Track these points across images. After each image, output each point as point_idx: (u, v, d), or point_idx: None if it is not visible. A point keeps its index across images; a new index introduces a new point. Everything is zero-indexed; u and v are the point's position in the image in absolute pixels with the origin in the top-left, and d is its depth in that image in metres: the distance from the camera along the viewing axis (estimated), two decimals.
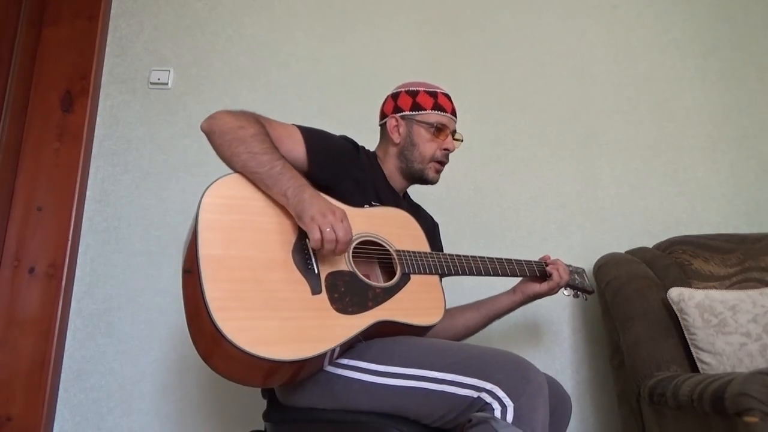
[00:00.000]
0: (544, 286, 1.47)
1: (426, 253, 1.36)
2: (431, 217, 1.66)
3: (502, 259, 1.47)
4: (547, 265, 1.52)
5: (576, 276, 1.59)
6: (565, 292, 1.56)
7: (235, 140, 1.24)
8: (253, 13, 2.34)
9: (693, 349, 1.60)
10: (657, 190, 2.15)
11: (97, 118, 2.23)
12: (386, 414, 1.17)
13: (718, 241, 1.86)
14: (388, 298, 1.24)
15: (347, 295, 1.20)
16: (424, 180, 1.51)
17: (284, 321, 1.11)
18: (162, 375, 1.98)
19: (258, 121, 1.30)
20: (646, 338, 1.65)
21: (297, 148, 1.33)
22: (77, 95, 2.20)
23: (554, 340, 2.02)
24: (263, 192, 1.23)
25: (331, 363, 1.21)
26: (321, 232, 1.15)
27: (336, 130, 1.47)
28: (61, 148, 2.15)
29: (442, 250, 1.62)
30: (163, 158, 2.18)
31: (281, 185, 1.20)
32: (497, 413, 1.04)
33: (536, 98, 2.24)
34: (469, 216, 2.12)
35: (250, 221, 1.20)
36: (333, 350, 1.15)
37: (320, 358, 1.13)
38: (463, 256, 1.42)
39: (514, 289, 1.52)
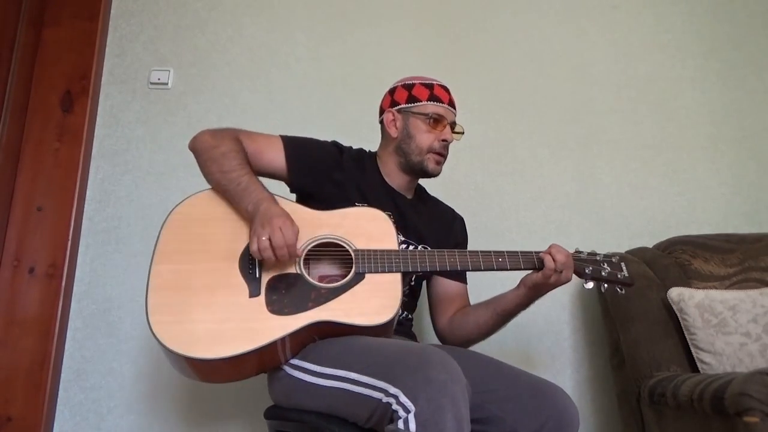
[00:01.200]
0: (538, 275, 1.33)
1: (386, 251, 1.31)
2: (452, 211, 1.63)
3: (489, 251, 1.36)
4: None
5: (605, 266, 1.40)
6: (588, 285, 1.38)
7: (209, 160, 1.32)
8: (253, 13, 2.34)
9: (693, 349, 1.60)
10: (657, 190, 2.15)
11: (97, 118, 2.23)
12: (327, 414, 1.19)
13: (718, 241, 1.86)
14: (333, 299, 1.25)
15: (286, 297, 1.23)
16: (424, 172, 1.49)
17: (212, 323, 1.20)
18: (162, 375, 1.98)
19: (234, 138, 1.35)
20: (646, 338, 1.65)
21: (277, 158, 1.38)
22: (77, 95, 2.19)
23: (554, 340, 2.02)
24: (222, 207, 1.31)
25: (286, 362, 1.26)
26: (258, 241, 1.20)
27: (336, 130, 1.48)
28: (61, 148, 2.15)
29: (465, 246, 1.60)
30: (163, 158, 2.18)
31: (245, 201, 1.27)
32: (401, 423, 0.99)
33: (536, 98, 2.24)
34: (469, 216, 2.10)
35: (205, 234, 1.29)
36: (283, 347, 1.21)
37: (259, 354, 1.18)
38: (437, 251, 1.36)
39: (518, 283, 1.41)
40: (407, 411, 0.99)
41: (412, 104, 1.47)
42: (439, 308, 1.54)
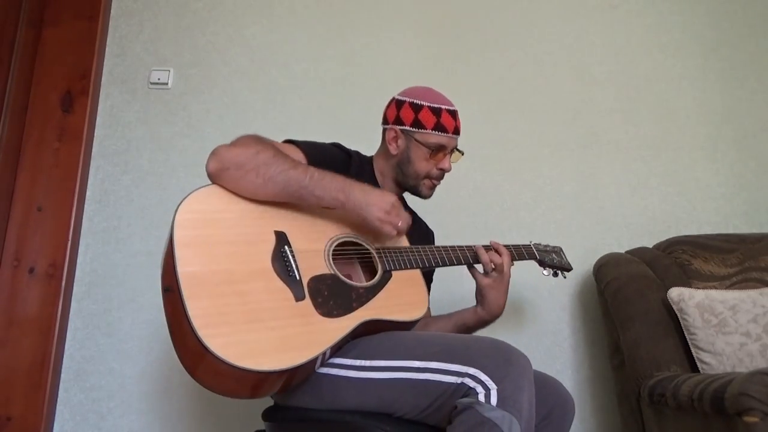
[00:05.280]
0: (484, 279, 1.43)
1: (405, 248, 1.37)
2: (425, 224, 1.65)
3: (490, 245, 1.45)
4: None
5: (553, 255, 1.62)
6: (545, 272, 1.59)
7: (262, 166, 1.19)
8: (253, 13, 2.34)
9: (693, 349, 1.60)
10: (657, 190, 2.15)
11: (97, 118, 2.23)
12: (371, 413, 1.17)
13: (718, 241, 1.86)
14: (372, 297, 1.25)
15: (331, 298, 1.21)
16: (416, 194, 1.51)
17: (270, 331, 1.12)
18: (162, 375, 1.98)
19: (263, 140, 1.27)
20: (646, 338, 1.65)
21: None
22: (77, 95, 2.20)
23: (554, 341, 2.02)
24: (236, 203, 1.23)
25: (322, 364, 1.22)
26: (395, 228, 1.24)
27: (336, 130, 1.48)
28: (61, 148, 2.15)
29: None
30: (163, 158, 2.18)
31: (330, 191, 1.23)
32: (481, 397, 1.04)
33: (536, 98, 2.24)
34: (469, 216, 2.12)
35: (226, 234, 1.19)
36: (324, 354, 1.16)
37: (310, 363, 1.14)
38: (443, 247, 1.41)
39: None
40: (487, 389, 1.05)
41: (417, 129, 1.43)
42: None
